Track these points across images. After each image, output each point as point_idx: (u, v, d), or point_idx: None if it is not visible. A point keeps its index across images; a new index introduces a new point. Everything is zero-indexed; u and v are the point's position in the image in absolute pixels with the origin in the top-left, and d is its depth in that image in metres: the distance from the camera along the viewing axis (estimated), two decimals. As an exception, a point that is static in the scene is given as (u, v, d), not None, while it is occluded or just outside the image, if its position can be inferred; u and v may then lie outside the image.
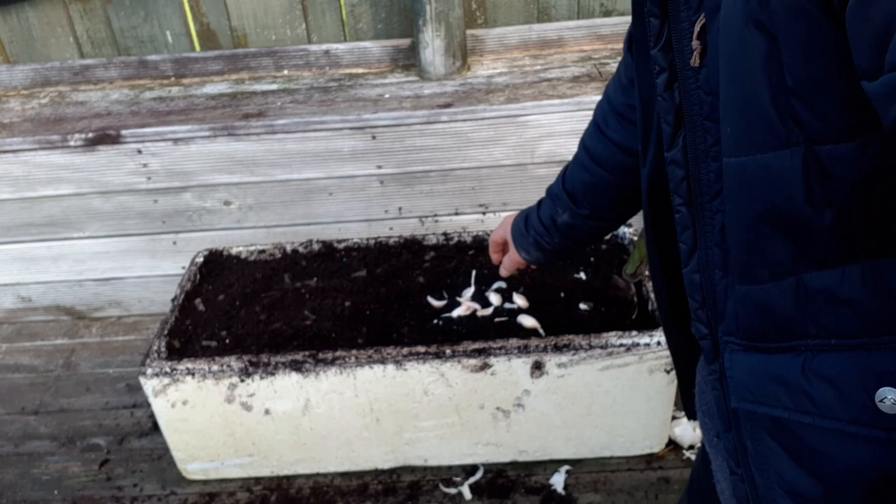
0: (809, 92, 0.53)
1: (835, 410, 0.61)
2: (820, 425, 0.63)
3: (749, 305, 0.65)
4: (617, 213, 1.11)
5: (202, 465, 1.77)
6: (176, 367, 1.59)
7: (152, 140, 2.07)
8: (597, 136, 1.06)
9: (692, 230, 0.69)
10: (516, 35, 2.29)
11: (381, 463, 1.77)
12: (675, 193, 0.69)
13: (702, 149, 0.64)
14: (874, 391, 0.58)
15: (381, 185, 2.15)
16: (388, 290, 1.80)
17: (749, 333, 0.67)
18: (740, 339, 0.68)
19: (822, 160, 0.54)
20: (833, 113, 0.53)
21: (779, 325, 0.64)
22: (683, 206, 0.69)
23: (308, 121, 2.04)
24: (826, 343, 0.61)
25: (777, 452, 0.68)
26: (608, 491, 1.71)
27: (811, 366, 0.62)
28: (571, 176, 1.13)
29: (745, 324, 0.67)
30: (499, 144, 2.07)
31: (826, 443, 0.63)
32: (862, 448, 0.61)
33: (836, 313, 0.60)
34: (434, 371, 1.58)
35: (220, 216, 2.22)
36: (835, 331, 0.60)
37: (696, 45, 0.60)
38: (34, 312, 2.45)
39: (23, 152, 2.09)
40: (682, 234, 0.71)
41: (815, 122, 0.54)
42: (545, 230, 1.18)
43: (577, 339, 1.57)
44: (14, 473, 1.90)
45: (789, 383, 0.64)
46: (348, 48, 2.29)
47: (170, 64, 2.32)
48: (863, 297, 0.58)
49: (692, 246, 0.70)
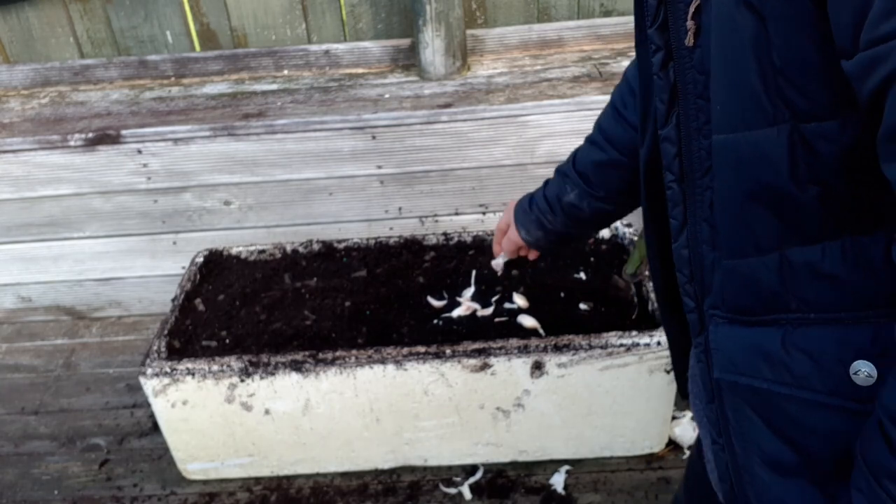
0: (795, 71, 0.55)
1: (812, 382, 0.64)
2: (798, 396, 0.65)
3: (735, 279, 0.67)
4: (627, 196, 1.10)
5: (202, 465, 1.77)
6: (176, 367, 1.59)
7: (152, 140, 2.07)
8: (613, 116, 1.06)
9: (682, 206, 0.71)
10: (516, 35, 2.29)
11: (381, 463, 1.77)
12: (667, 170, 0.71)
13: (694, 126, 0.66)
14: (849, 364, 0.61)
15: (381, 185, 2.15)
16: (388, 290, 1.80)
17: (734, 307, 0.69)
18: (725, 312, 0.70)
19: (807, 137, 0.57)
20: (817, 91, 0.55)
21: (763, 299, 0.66)
22: (675, 183, 0.71)
23: (308, 121, 2.04)
24: (806, 317, 0.64)
25: (756, 423, 0.70)
26: (608, 491, 1.71)
27: (791, 338, 0.65)
28: (584, 156, 1.12)
29: (731, 297, 0.69)
30: (499, 144, 2.07)
31: (803, 413, 0.66)
32: (837, 419, 0.64)
33: (816, 287, 0.62)
34: (434, 371, 1.58)
35: (220, 216, 2.22)
36: (815, 305, 0.63)
37: (691, 26, 0.62)
38: (34, 312, 2.45)
39: (23, 152, 2.09)
40: (672, 209, 0.72)
41: (800, 100, 0.56)
42: (549, 208, 1.17)
43: (577, 339, 1.57)
44: (14, 473, 1.90)
45: (770, 355, 0.66)
46: (348, 48, 2.29)
47: (170, 64, 2.32)
48: (842, 272, 0.61)
49: (682, 222, 0.72)
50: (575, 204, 1.13)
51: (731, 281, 0.68)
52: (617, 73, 2.13)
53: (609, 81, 2.08)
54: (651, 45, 0.68)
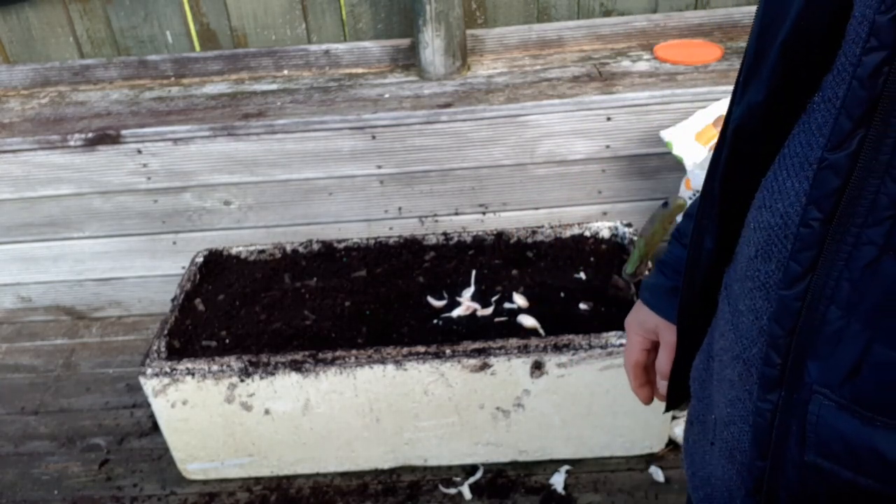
0: None
1: None
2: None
3: (885, 373, 0.54)
4: None
5: (202, 465, 1.77)
6: (176, 367, 1.59)
7: (152, 140, 2.07)
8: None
9: (817, 251, 0.56)
10: (516, 35, 2.29)
11: (381, 463, 1.78)
12: (812, 203, 0.55)
13: (883, 161, 0.50)
14: None
15: (381, 185, 2.15)
16: (388, 290, 1.80)
17: (864, 400, 0.56)
18: (842, 398, 0.57)
19: None
20: None
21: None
22: (818, 223, 0.55)
23: (308, 121, 2.04)
24: None
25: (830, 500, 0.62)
26: (608, 491, 1.71)
27: None
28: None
29: (866, 389, 0.55)
30: (498, 144, 2.07)
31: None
32: None
33: None
34: (434, 371, 1.58)
35: (220, 216, 2.22)
36: None
37: None
38: (34, 312, 2.45)
39: (23, 152, 2.09)
40: (798, 252, 0.57)
41: None
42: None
43: (577, 339, 1.57)
44: (14, 473, 1.90)
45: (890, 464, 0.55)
46: (348, 48, 2.29)
47: (170, 64, 2.32)
48: None
49: (808, 269, 0.57)
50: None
51: (876, 374, 0.54)
52: (617, 73, 2.13)
53: (609, 81, 2.08)
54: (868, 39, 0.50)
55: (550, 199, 2.17)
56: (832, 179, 0.53)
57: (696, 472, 0.84)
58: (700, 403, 0.84)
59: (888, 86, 0.48)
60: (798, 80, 0.59)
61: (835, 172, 0.53)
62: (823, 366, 0.58)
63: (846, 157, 0.52)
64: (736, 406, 0.71)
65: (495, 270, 1.85)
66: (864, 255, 0.53)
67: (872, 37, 0.49)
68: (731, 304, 0.72)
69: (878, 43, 0.48)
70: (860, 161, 0.51)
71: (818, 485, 0.62)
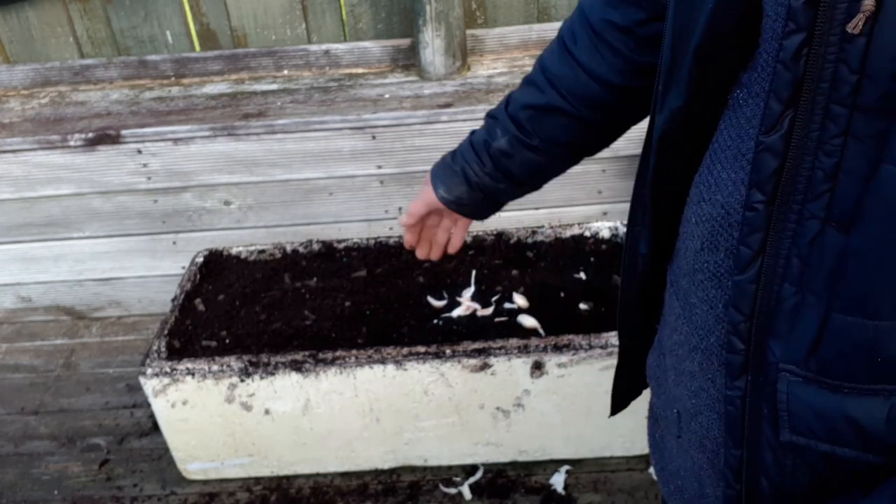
0: None
1: None
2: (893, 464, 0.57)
3: (845, 340, 0.55)
4: (564, 149, 0.95)
5: (202, 465, 1.77)
6: (176, 367, 1.59)
7: (152, 140, 2.07)
8: (560, 53, 0.90)
9: (764, 233, 0.57)
10: (516, 35, 2.29)
11: (381, 463, 1.77)
12: (754, 187, 0.57)
13: (814, 138, 0.52)
14: None
15: (381, 185, 2.15)
16: (388, 290, 1.80)
17: (828, 369, 0.57)
18: (807, 371, 0.58)
19: None
20: None
21: (875, 367, 0.55)
22: (762, 205, 0.56)
23: (308, 121, 2.04)
24: None
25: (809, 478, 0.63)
26: (608, 491, 1.71)
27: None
28: (519, 98, 0.96)
29: (830, 358, 0.57)
30: (499, 144, 2.07)
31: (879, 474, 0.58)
32: None
33: None
34: (434, 371, 1.58)
35: (220, 216, 2.22)
36: None
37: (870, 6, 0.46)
38: (34, 312, 2.45)
39: (23, 152, 2.09)
40: (747, 236, 0.58)
41: None
42: (475, 156, 1.00)
43: (577, 339, 1.57)
44: (14, 473, 1.90)
45: (865, 429, 0.57)
46: (348, 48, 2.29)
47: (170, 64, 2.32)
48: None
49: (758, 251, 0.58)
50: (505, 151, 0.96)
51: (836, 341, 0.56)
52: (617, 73, 2.13)
53: (609, 81, 2.08)
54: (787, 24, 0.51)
55: (550, 199, 2.17)
56: (770, 161, 0.55)
57: (665, 467, 0.85)
58: (659, 400, 0.85)
59: (810, 66, 0.50)
60: (714, 81, 0.62)
61: (772, 154, 0.55)
62: (785, 343, 0.59)
63: (780, 139, 0.54)
64: (700, 396, 0.72)
65: (495, 270, 1.85)
66: (809, 229, 0.54)
67: (790, 21, 0.51)
68: (680, 299, 0.73)
69: (796, 26, 0.50)
70: (793, 140, 0.53)
71: (796, 465, 0.62)
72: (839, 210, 0.52)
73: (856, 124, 0.50)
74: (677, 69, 0.64)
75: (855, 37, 0.48)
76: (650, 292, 0.82)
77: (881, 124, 0.48)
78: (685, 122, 0.66)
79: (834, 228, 0.53)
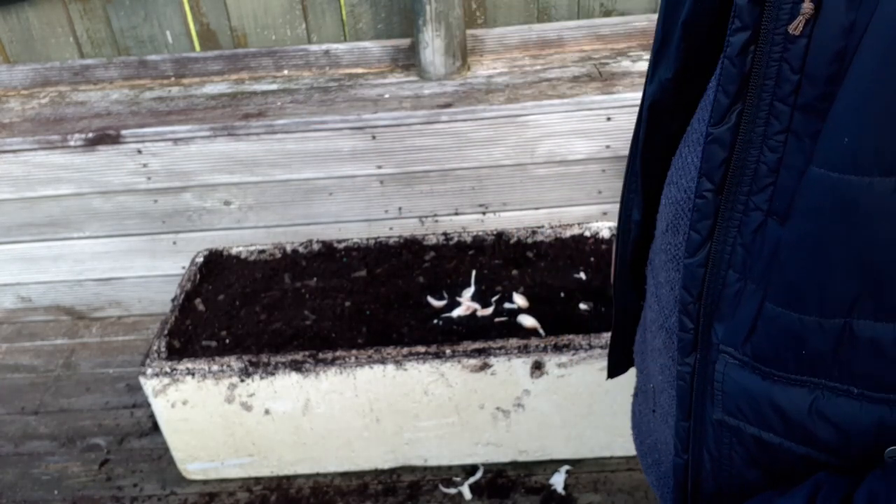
0: None
1: (836, 451, 0.58)
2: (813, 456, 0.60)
3: (776, 330, 0.58)
4: None
5: (202, 465, 1.77)
6: (176, 367, 1.59)
7: (152, 140, 2.07)
8: None
9: (712, 220, 0.59)
10: (516, 35, 2.29)
11: (381, 463, 1.78)
12: (704, 176, 0.58)
13: (759, 132, 0.53)
14: (886, 446, 0.55)
15: (381, 185, 2.15)
16: (388, 290, 1.80)
17: (759, 355, 0.60)
18: (743, 356, 0.61)
19: None
20: None
21: (800, 358, 0.57)
22: (711, 193, 0.59)
23: (308, 121, 2.04)
24: (847, 389, 0.56)
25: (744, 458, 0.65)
26: (608, 491, 1.71)
27: (821, 405, 0.58)
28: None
29: (761, 345, 0.59)
30: (499, 144, 2.07)
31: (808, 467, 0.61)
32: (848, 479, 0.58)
33: (874, 365, 0.54)
34: (434, 371, 1.58)
35: (220, 216, 2.22)
36: (864, 381, 0.55)
37: (808, 9, 0.48)
38: (34, 312, 2.45)
39: (23, 152, 2.09)
40: (697, 222, 0.60)
41: None
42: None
43: (577, 339, 1.57)
44: (14, 473, 1.90)
45: (787, 414, 0.60)
46: (348, 48, 2.29)
47: (170, 64, 2.32)
48: None
49: (706, 237, 0.60)
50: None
51: (768, 329, 0.58)
52: (617, 73, 2.13)
53: (609, 81, 2.08)
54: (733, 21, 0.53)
55: (550, 199, 2.18)
56: (718, 152, 0.57)
57: (644, 440, 0.87)
58: (642, 375, 0.88)
59: (756, 63, 0.52)
60: (701, 58, 0.63)
61: (720, 145, 0.56)
62: (727, 326, 0.62)
63: (727, 131, 0.55)
64: (665, 373, 0.75)
65: (495, 270, 1.85)
66: (753, 220, 0.56)
67: (736, 18, 0.52)
68: (654, 277, 0.76)
69: (741, 24, 0.52)
70: (740, 133, 0.55)
71: (732, 443, 0.65)
72: (779, 203, 0.54)
73: (796, 122, 0.51)
74: (668, 42, 0.67)
75: (797, 38, 0.49)
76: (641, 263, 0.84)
77: (818, 124, 0.50)
78: (673, 94, 0.68)
79: (775, 221, 0.55)
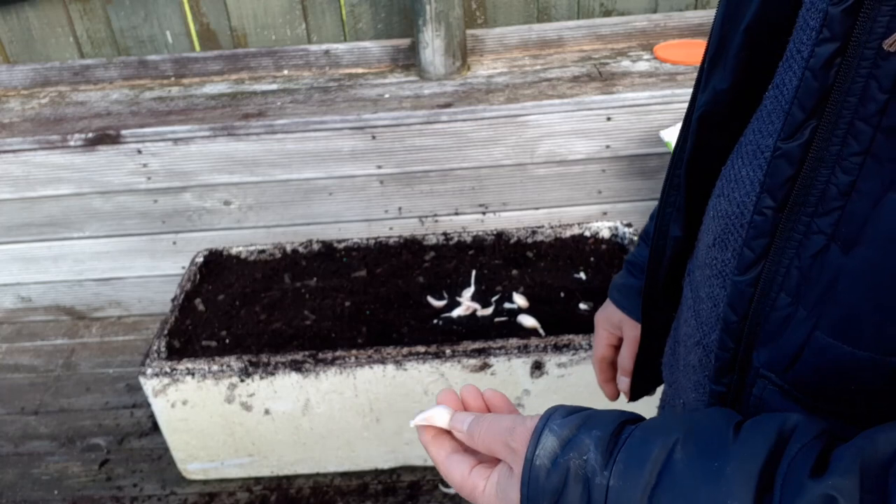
0: None
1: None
2: None
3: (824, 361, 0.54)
4: None
5: (202, 465, 1.77)
6: (176, 367, 1.59)
7: (152, 140, 2.07)
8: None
9: (769, 239, 0.56)
10: (516, 35, 2.29)
11: (381, 463, 1.77)
12: (766, 191, 0.55)
13: (833, 152, 0.50)
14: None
15: (381, 185, 2.15)
16: (388, 290, 1.80)
17: (803, 385, 0.57)
18: (784, 383, 0.58)
19: None
20: None
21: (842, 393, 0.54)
22: (771, 210, 0.55)
23: (308, 121, 2.04)
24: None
25: None
26: (608, 491, 1.71)
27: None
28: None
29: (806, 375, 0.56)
30: (499, 144, 2.07)
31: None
32: None
33: None
34: (434, 371, 1.58)
35: (220, 216, 2.22)
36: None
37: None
38: (34, 312, 2.45)
39: (23, 152, 2.09)
40: (753, 239, 0.57)
41: None
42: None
43: (577, 339, 1.57)
44: (14, 473, 1.90)
45: None
46: (348, 48, 2.29)
47: (170, 64, 2.32)
48: None
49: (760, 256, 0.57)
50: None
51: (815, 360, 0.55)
52: (617, 73, 2.13)
53: (609, 81, 2.08)
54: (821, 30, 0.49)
55: (550, 199, 2.18)
56: (785, 168, 0.53)
57: None
58: (670, 388, 0.86)
59: (840, 77, 0.48)
60: (762, 67, 0.60)
61: (788, 161, 0.53)
62: (770, 350, 0.58)
63: (798, 147, 0.52)
64: (698, 391, 0.72)
65: (495, 270, 1.85)
66: (814, 244, 0.53)
67: (825, 28, 0.48)
68: (693, 291, 0.73)
69: (830, 34, 0.48)
70: (812, 151, 0.51)
71: None
72: (846, 229, 0.50)
73: (878, 145, 0.47)
74: (726, 49, 0.63)
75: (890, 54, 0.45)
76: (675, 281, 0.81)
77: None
78: (728, 106, 0.65)
79: (838, 247, 0.51)
